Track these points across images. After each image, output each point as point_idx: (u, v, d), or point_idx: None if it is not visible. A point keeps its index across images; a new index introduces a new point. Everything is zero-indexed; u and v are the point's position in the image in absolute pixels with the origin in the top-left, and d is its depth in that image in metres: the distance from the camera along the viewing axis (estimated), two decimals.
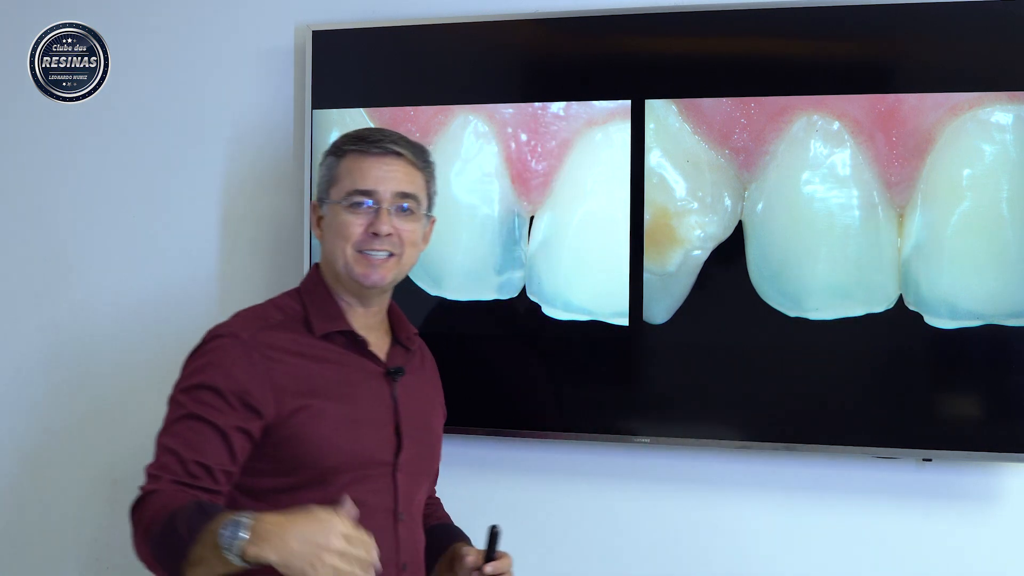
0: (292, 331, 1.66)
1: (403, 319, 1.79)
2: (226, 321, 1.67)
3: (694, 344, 2.18)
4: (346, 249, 1.66)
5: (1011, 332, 2.02)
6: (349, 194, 1.67)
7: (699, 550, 2.24)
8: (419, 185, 1.72)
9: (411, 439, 1.70)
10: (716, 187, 2.16)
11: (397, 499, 1.67)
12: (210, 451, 1.55)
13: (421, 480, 1.76)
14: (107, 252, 2.52)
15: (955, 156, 2.05)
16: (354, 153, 1.70)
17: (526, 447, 2.31)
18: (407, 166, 1.71)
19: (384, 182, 1.67)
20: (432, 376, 1.88)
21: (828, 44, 2.14)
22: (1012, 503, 2.10)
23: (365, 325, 1.72)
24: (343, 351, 1.69)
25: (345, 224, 1.67)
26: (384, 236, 1.66)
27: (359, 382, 1.68)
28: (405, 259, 1.70)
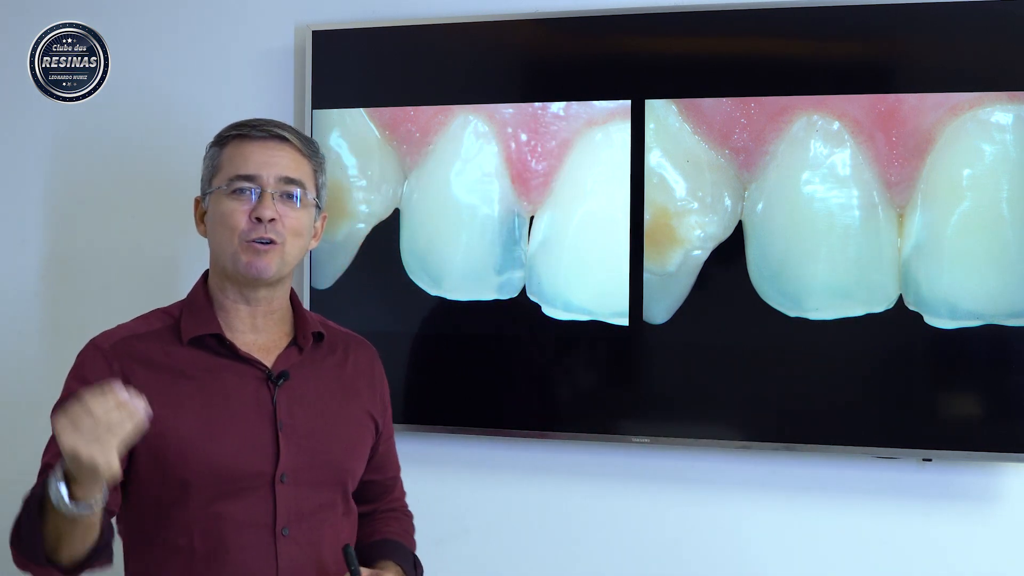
0: (158, 341, 1.60)
1: (305, 318, 1.68)
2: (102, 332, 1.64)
3: (694, 344, 2.18)
4: (232, 239, 1.57)
5: (1011, 332, 2.02)
6: (231, 180, 1.59)
7: (699, 550, 2.24)
8: (306, 172, 1.64)
9: (296, 447, 1.58)
10: (716, 187, 2.16)
11: (276, 513, 1.55)
12: None
13: (319, 490, 1.61)
14: (107, 252, 2.51)
15: (955, 156, 2.05)
16: (236, 139, 1.63)
17: (526, 447, 2.30)
18: (293, 152, 1.63)
19: (267, 167, 1.59)
20: (359, 375, 1.74)
21: (828, 44, 2.14)
22: (1012, 503, 2.10)
23: (252, 326, 1.63)
24: (212, 357, 1.60)
25: (228, 212, 1.58)
26: (267, 222, 1.56)
27: (230, 389, 1.58)
28: (289, 249, 1.60)
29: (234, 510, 1.53)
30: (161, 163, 2.49)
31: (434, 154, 2.29)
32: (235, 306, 1.62)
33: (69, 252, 2.54)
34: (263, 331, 1.64)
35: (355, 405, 1.70)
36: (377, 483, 1.78)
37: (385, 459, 1.79)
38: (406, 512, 1.86)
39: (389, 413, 1.80)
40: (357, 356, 1.74)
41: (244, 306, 1.63)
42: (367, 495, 1.76)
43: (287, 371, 1.61)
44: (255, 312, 1.63)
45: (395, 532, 1.77)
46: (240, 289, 1.62)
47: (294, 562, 1.56)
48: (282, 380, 1.60)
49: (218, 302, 1.63)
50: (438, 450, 2.33)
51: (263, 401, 1.59)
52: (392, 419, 1.82)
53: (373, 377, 1.76)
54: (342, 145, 2.34)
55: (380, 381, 1.78)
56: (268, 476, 1.55)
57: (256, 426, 1.57)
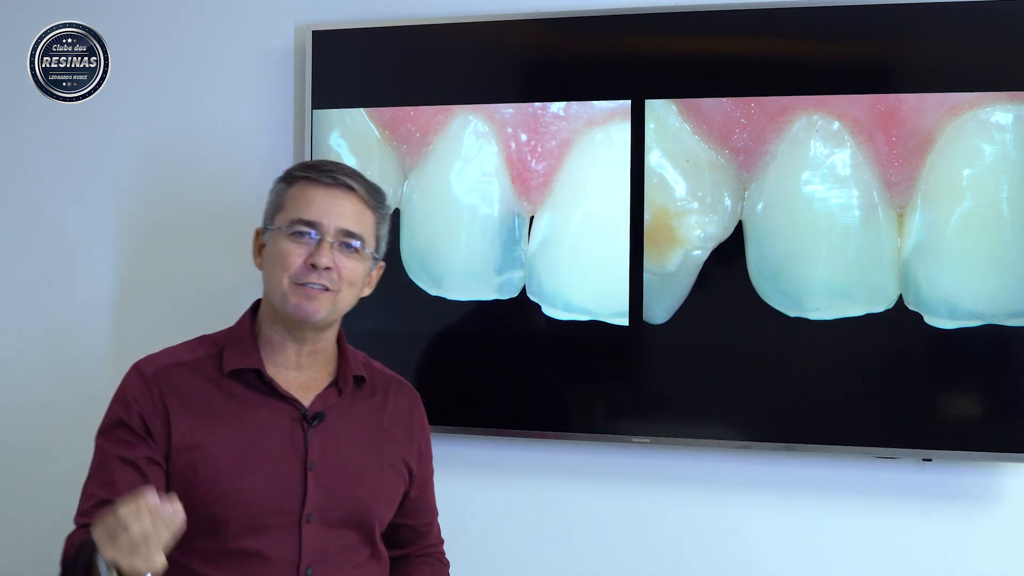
0: (200, 370, 1.62)
1: (348, 361, 1.69)
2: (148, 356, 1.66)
3: (694, 344, 2.18)
4: (283, 279, 1.59)
5: (1011, 332, 2.02)
6: (292, 223, 1.60)
7: (699, 550, 2.24)
8: (367, 225, 1.65)
9: (323, 488, 1.60)
10: (716, 187, 2.16)
11: (301, 552, 1.57)
12: (123, 487, 1.52)
13: (346, 532, 1.62)
14: (107, 252, 2.51)
15: (955, 156, 2.05)
16: (303, 181, 1.64)
17: (526, 447, 2.30)
18: (357, 203, 1.63)
19: (330, 215, 1.60)
20: (397, 420, 1.74)
21: (828, 44, 2.14)
22: (1012, 503, 2.10)
23: (296, 364, 1.65)
24: (251, 391, 1.61)
25: (284, 253, 1.60)
26: (323, 269, 1.58)
27: (265, 425, 1.60)
28: (342, 297, 1.62)
29: (260, 546, 1.55)
30: (161, 163, 2.49)
31: (434, 154, 2.29)
32: (282, 342, 1.64)
33: (69, 252, 2.54)
34: (306, 369, 1.66)
35: (389, 451, 1.71)
36: (411, 528, 1.79)
37: (419, 505, 1.79)
38: (441, 559, 1.86)
39: (428, 458, 1.81)
40: (397, 401, 1.75)
41: (291, 344, 1.64)
42: (399, 539, 1.78)
43: (323, 412, 1.62)
44: (300, 351, 1.65)
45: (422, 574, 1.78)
46: (288, 327, 1.63)
47: None
48: (317, 421, 1.61)
49: (265, 335, 1.65)
50: (438, 450, 2.31)
51: (296, 440, 1.60)
52: (432, 465, 1.82)
53: (412, 423, 1.77)
54: (342, 145, 2.34)
55: (419, 427, 1.79)
56: (295, 515, 1.57)
57: (287, 464, 1.58)
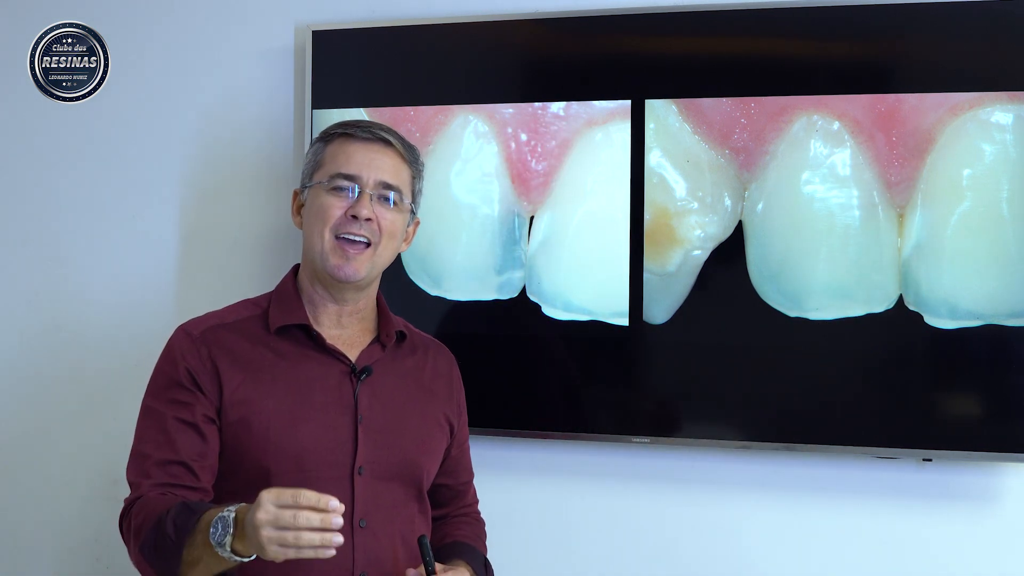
0: (246, 330, 1.64)
1: (389, 318, 1.73)
2: (191, 319, 1.68)
3: (694, 344, 2.18)
4: (324, 232, 1.62)
5: (1011, 332, 2.02)
6: (332, 177, 1.63)
7: (699, 550, 2.24)
8: (405, 178, 1.68)
9: (374, 441, 1.63)
10: (716, 187, 2.16)
11: (354, 503, 1.59)
12: (184, 447, 1.55)
13: (395, 486, 1.65)
14: (107, 251, 2.51)
15: (955, 156, 2.05)
16: (341, 138, 1.67)
17: (526, 447, 2.30)
18: (395, 157, 1.67)
19: (369, 168, 1.63)
20: (437, 377, 1.79)
21: (828, 44, 2.14)
22: (1012, 503, 2.10)
23: (338, 322, 1.68)
24: (298, 348, 1.64)
25: (325, 206, 1.62)
26: (363, 220, 1.61)
27: (314, 379, 1.63)
28: (381, 250, 1.65)
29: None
30: (161, 163, 2.49)
31: (434, 154, 2.29)
32: (323, 302, 1.67)
33: (68, 252, 2.54)
34: (347, 327, 1.69)
35: (432, 406, 1.75)
36: (449, 487, 1.82)
37: (458, 464, 1.83)
38: (478, 518, 1.90)
39: (464, 419, 1.84)
40: (437, 360, 1.79)
41: (332, 304, 1.67)
42: (440, 499, 1.81)
43: (370, 367, 1.65)
44: (342, 310, 1.68)
45: (467, 536, 1.80)
46: (328, 287, 1.66)
47: (370, 553, 1.59)
48: (365, 375, 1.64)
49: (307, 295, 1.68)
50: None
51: (345, 394, 1.63)
52: (467, 427, 1.86)
53: (452, 382, 1.81)
54: None
55: (458, 387, 1.83)
56: (347, 467, 1.60)
57: (337, 418, 1.61)
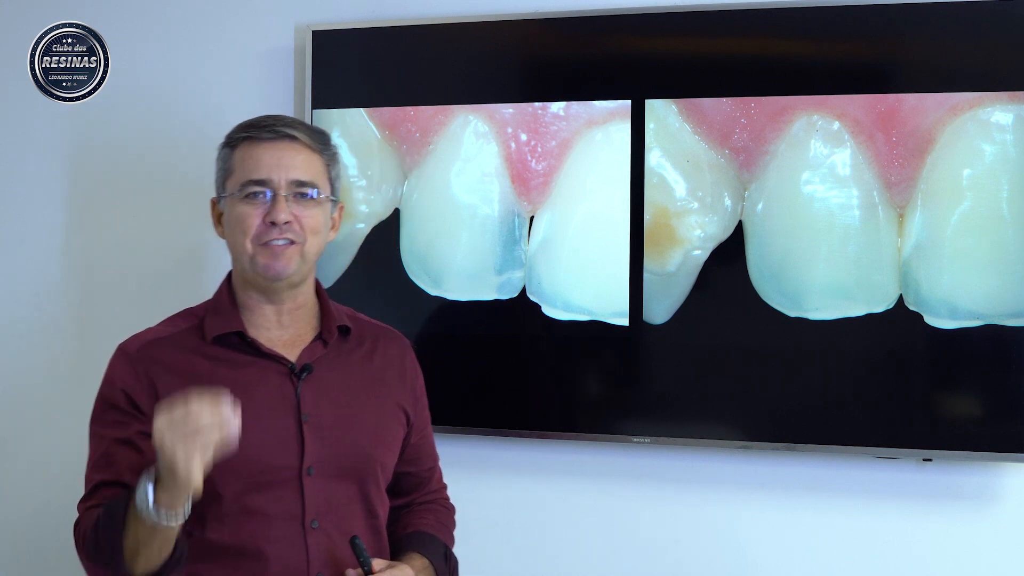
0: (183, 342, 1.62)
1: (331, 312, 1.69)
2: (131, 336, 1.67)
3: (694, 344, 2.18)
4: (245, 243, 1.59)
5: (1011, 332, 2.02)
6: (243, 185, 1.60)
7: (699, 550, 2.24)
8: (318, 170, 1.64)
9: (322, 439, 1.60)
10: (716, 187, 2.16)
11: (304, 506, 1.57)
12: (123, 466, 1.54)
13: (349, 483, 1.62)
14: (107, 251, 2.51)
15: (955, 156, 2.05)
16: (246, 142, 1.63)
17: (526, 447, 2.30)
18: (304, 150, 1.62)
19: (278, 169, 1.59)
20: (389, 366, 1.73)
21: (828, 44, 2.14)
22: (1012, 503, 2.10)
23: (277, 323, 1.65)
24: (236, 354, 1.62)
25: (242, 216, 1.59)
26: (283, 224, 1.58)
27: (254, 384, 1.59)
28: (309, 247, 1.61)
29: (263, 504, 1.55)
30: (161, 163, 2.49)
31: (434, 154, 2.29)
32: (259, 305, 1.64)
33: (68, 252, 2.54)
34: (289, 327, 1.66)
35: (384, 397, 1.71)
36: (412, 475, 1.78)
37: (419, 451, 1.79)
38: (445, 504, 1.85)
39: (423, 404, 1.80)
40: (387, 348, 1.75)
41: (268, 305, 1.64)
42: (402, 487, 1.77)
43: (310, 364, 1.62)
44: (280, 310, 1.65)
45: (428, 524, 1.77)
46: (261, 290, 1.63)
47: (325, 553, 1.57)
48: (305, 373, 1.61)
49: (242, 301, 1.65)
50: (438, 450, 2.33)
51: (287, 395, 1.60)
52: (428, 411, 1.81)
53: (404, 369, 1.76)
54: (342, 145, 2.34)
55: (413, 373, 1.78)
56: (295, 469, 1.57)
57: (280, 420, 1.58)
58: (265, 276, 1.60)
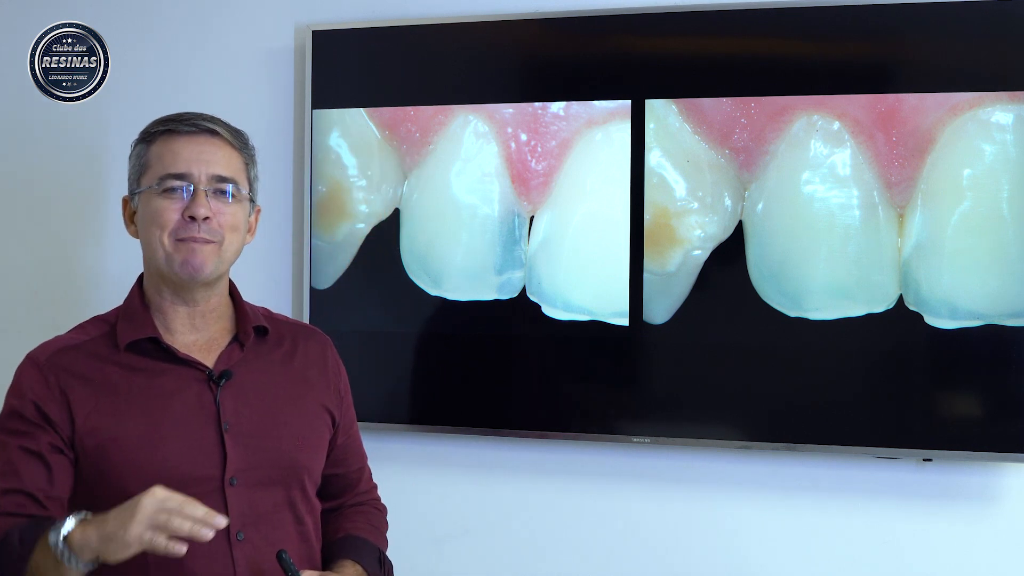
0: (95, 350, 1.55)
1: (246, 313, 1.61)
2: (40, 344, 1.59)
3: (694, 344, 2.18)
4: (163, 238, 1.52)
5: (1011, 332, 2.02)
6: (162, 179, 1.53)
7: (699, 550, 2.24)
8: (238, 167, 1.58)
9: (244, 447, 1.52)
10: (716, 187, 2.16)
11: (228, 516, 1.45)
12: (28, 477, 1.47)
13: (275, 491, 1.54)
14: (107, 252, 2.52)
15: (955, 156, 2.05)
16: (164, 135, 1.57)
17: (526, 447, 2.30)
18: (224, 146, 1.57)
19: (199, 163, 1.53)
20: (310, 366, 1.65)
21: (828, 44, 2.14)
22: (1012, 503, 2.10)
23: (191, 326, 1.57)
24: (152, 362, 1.53)
25: (159, 211, 1.52)
26: (202, 220, 1.51)
27: (171, 393, 1.52)
28: (227, 245, 1.54)
29: None
30: None
31: (434, 154, 2.29)
32: (172, 307, 1.57)
33: (68, 252, 2.54)
34: (203, 330, 1.58)
35: (307, 398, 1.63)
36: (339, 476, 1.71)
37: (346, 451, 1.71)
38: (377, 505, 1.77)
39: (348, 402, 1.72)
40: (307, 347, 1.67)
41: (182, 307, 1.57)
42: (330, 490, 1.70)
43: (229, 370, 1.55)
44: (193, 312, 1.57)
45: (360, 528, 1.69)
46: (176, 290, 1.56)
47: (253, 565, 1.50)
48: (224, 380, 1.54)
49: (155, 304, 1.57)
50: (438, 450, 2.33)
51: (206, 403, 1.53)
52: (354, 408, 1.74)
53: (326, 367, 1.68)
54: (342, 145, 2.34)
55: (335, 370, 1.70)
56: (217, 480, 1.50)
57: (200, 429, 1.51)
58: (181, 274, 1.52)
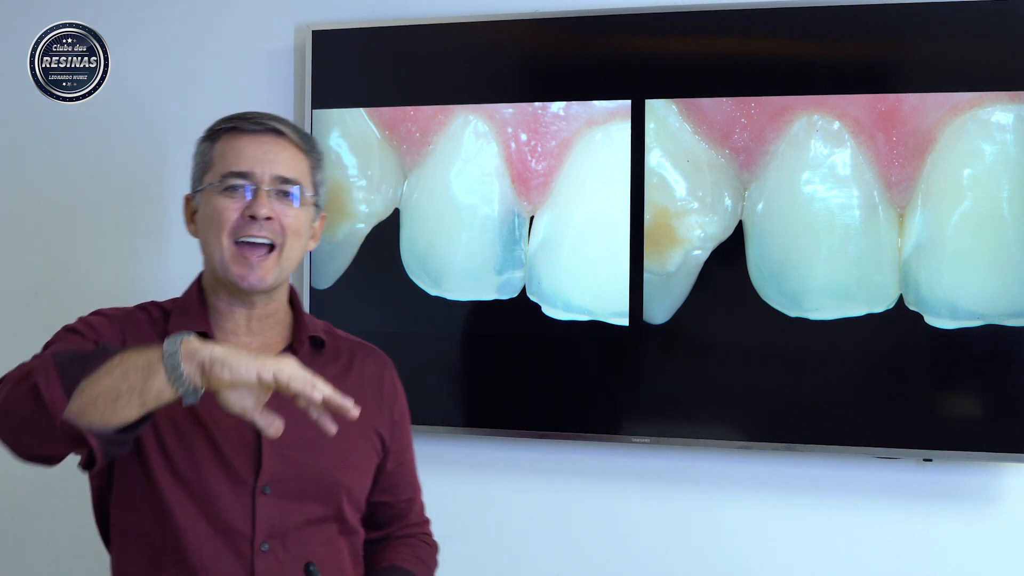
0: (153, 329, 1.51)
1: (304, 322, 1.57)
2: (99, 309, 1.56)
3: (694, 344, 2.18)
4: (222, 239, 1.47)
5: (1011, 332, 2.02)
6: (224, 177, 1.48)
7: (699, 550, 2.24)
8: (303, 170, 1.52)
9: (282, 456, 1.46)
10: (716, 187, 2.16)
11: (255, 525, 1.43)
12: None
13: (310, 506, 1.48)
14: (107, 252, 2.52)
15: (955, 156, 2.05)
16: (229, 133, 1.52)
17: (526, 447, 2.30)
18: (290, 147, 1.52)
19: (263, 163, 1.48)
20: (364, 387, 1.58)
21: (828, 44, 2.14)
22: (1012, 503, 2.10)
23: (247, 329, 1.53)
24: None
25: (220, 209, 1.47)
26: (263, 220, 1.46)
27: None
28: (287, 252, 1.49)
29: (211, 520, 1.43)
30: (161, 163, 2.49)
31: (434, 154, 2.29)
32: (229, 308, 1.53)
33: (68, 252, 2.54)
34: (258, 334, 1.54)
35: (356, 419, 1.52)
36: (388, 505, 1.64)
37: (396, 479, 1.64)
38: (426, 540, 1.69)
39: (403, 428, 1.64)
40: (364, 367, 1.61)
41: (239, 309, 1.53)
42: (378, 519, 1.63)
43: None
44: (250, 315, 1.53)
45: (405, 558, 1.61)
46: (233, 292, 1.52)
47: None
48: None
49: (211, 303, 1.54)
50: (438, 450, 2.33)
51: None
52: (410, 434, 1.67)
53: (381, 388, 1.62)
54: (342, 145, 2.34)
55: (390, 393, 1.63)
56: (248, 485, 1.45)
57: (237, 432, 1.46)
58: (240, 286, 1.48)
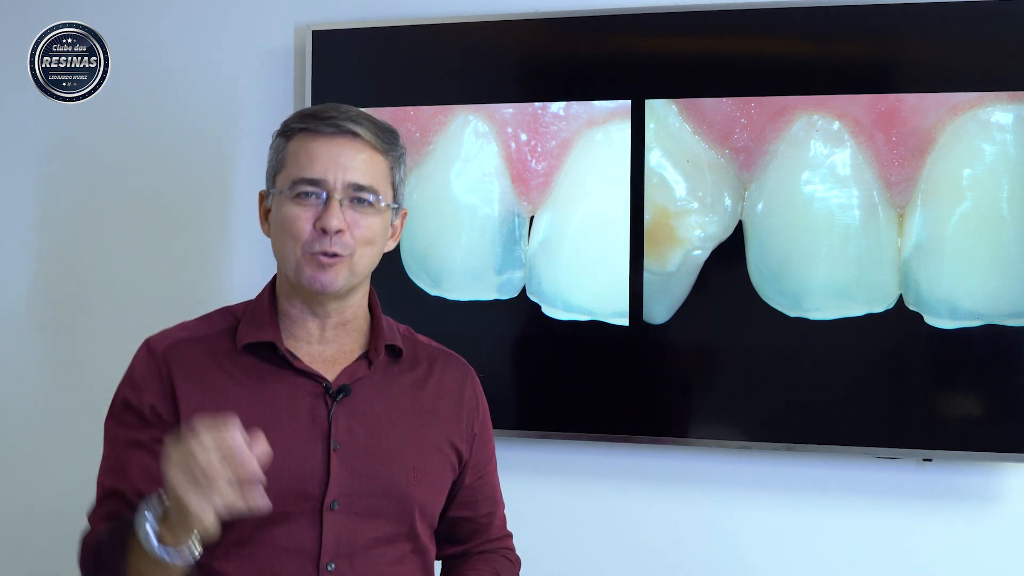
0: (213, 345, 1.46)
1: (381, 329, 1.51)
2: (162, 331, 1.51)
3: (694, 344, 2.18)
4: (295, 249, 1.41)
5: (1011, 332, 2.02)
6: (295, 183, 1.41)
7: (699, 550, 2.24)
8: (380, 173, 1.45)
9: (352, 471, 1.41)
10: (716, 187, 2.16)
11: (322, 543, 1.38)
12: (135, 473, 1.39)
13: (381, 523, 1.43)
14: (107, 252, 2.51)
15: (955, 156, 2.05)
16: (302, 133, 1.45)
17: (525, 447, 2.30)
18: (365, 149, 1.45)
19: (335, 169, 1.41)
20: (442, 397, 1.53)
21: (828, 44, 2.14)
22: (1012, 503, 2.10)
23: (320, 337, 1.47)
24: (267, 366, 1.44)
25: (291, 219, 1.41)
26: (334, 233, 1.40)
27: (281, 402, 1.42)
28: (358, 259, 1.43)
29: (275, 536, 1.38)
30: (161, 163, 2.49)
31: (434, 154, 2.29)
32: (302, 316, 1.47)
33: (67, 253, 2.54)
34: (333, 342, 1.48)
35: (432, 430, 1.50)
36: (466, 520, 1.58)
37: (476, 493, 1.58)
38: (507, 555, 1.63)
39: (484, 440, 1.59)
40: (444, 376, 1.55)
41: (312, 318, 1.47)
42: (456, 534, 1.59)
43: (348, 386, 1.44)
44: (324, 323, 1.47)
45: (481, 574, 1.55)
46: (307, 299, 1.46)
47: None
48: (341, 395, 1.43)
49: (283, 309, 1.48)
50: None
51: (318, 418, 1.42)
52: (492, 447, 1.62)
53: (461, 400, 1.55)
54: None
55: (471, 405, 1.57)
56: (315, 501, 1.39)
57: (306, 444, 1.40)
58: (310, 288, 1.42)
